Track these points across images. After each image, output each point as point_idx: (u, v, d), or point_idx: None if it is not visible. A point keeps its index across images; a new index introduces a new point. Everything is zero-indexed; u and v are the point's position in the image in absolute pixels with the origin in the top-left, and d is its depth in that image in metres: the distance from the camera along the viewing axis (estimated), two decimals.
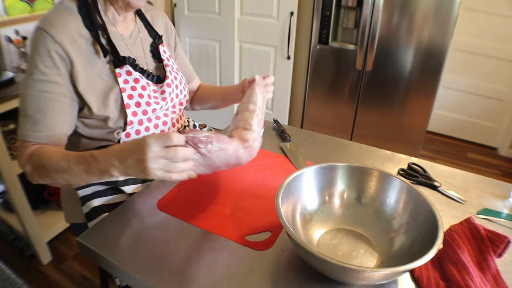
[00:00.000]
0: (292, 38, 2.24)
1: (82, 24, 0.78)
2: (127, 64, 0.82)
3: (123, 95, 0.80)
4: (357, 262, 0.67)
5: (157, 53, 0.94)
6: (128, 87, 0.82)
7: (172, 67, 0.95)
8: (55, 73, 0.74)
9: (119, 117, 0.81)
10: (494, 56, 2.56)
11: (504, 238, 0.63)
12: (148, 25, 0.95)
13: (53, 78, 0.74)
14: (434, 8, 1.82)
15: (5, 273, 0.61)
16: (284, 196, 0.67)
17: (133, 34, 0.90)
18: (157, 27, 0.98)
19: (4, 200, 1.86)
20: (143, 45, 0.92)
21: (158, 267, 0.65)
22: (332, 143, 1.10)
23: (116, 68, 0.80)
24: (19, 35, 1.80)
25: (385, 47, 2.00)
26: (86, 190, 0.86)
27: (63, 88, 0.76)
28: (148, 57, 0.92)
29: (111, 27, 0.84)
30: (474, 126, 2.84)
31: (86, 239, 0.72)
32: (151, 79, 0.88)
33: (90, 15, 0.79)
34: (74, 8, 0.78)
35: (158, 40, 0.95)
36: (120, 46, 0.84)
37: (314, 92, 2.32)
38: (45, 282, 1.62)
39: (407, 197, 0.70)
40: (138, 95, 0.82)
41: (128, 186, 0.89)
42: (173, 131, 0.76)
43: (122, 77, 0.81)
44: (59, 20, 0.75)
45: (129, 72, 0.82)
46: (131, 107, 0.81)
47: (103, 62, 0.80)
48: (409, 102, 2.07)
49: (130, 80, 0.82)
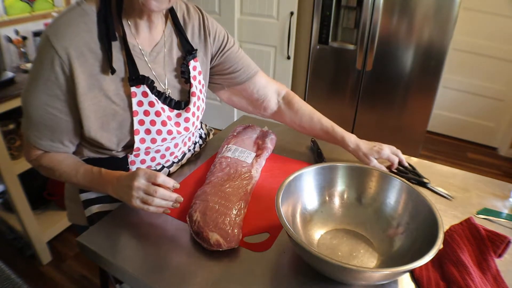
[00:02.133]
0: (292, 38, 2.24)
1: (96, 36, 0.69)
2: (145, 85, 0.74)
3: (134, 119, 0.74)
4: (357, 262, 0.67)
5: (187, 72, 0.82)
6: (141, 110, 0.74)
7: (199, 90, 0.85)
8: (57, 88, 0.69)
9: (118, 143, 0.76)
10: (494, 56, 2.56)
11: (504, 238, 0.63)
12: (181, 35, 0.83)
13: (54, 93, 0.69)
14: (434, 8, 1.82)
15: (5, 273, 0.61)
16: (284, 196, 0.67)
17: (155, 48, 0.79)
18: (190, 34, 0.85)
19: (4, 200, 1.86)
20: (166, 61, 0.81)
21: (158, 267, 0.65)
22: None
23: (132, 87, 0.72)
24: (19, 35, 1.80)
25: (385, 47, 2.00)
26: (88, 194, 0.84)
27: (65, 106, 0.71)
28: (169, 76, 0.81)
29: (131, 39, 0.74)
30: (474, 126, 2.84)
31: (86, 239, 0.72)
32: (168, 104, 0.79)
33: (108, 24, 0.69)
34: (92, 14, 0.69)
35: (189, 56, 0.83)
36: (139, 63, 0.75)
37: (314, 92, 2.32)
38: (45, 282, 1.62)
39: (407, 197, 0.70)
40: (150, 121, 0.75)
41: None
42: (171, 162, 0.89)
43: (136, 97, 0.73)
44: (69, 29, 0.67)
45: (145, 93, 0.74)
46: (140, 134, 0.75)
47: (113, 80, 0.72)
48: (409, 102, 2.07)
49: (145, 103, 0.74)
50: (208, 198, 0.74)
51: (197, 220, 0.69)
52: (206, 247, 0.68)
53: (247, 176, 0.84)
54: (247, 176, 0.83)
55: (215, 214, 0.70)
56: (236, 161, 0.88)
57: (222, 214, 0.70)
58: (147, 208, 0.69)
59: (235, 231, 0.68)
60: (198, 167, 0.96)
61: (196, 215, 0.70)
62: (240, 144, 0.96)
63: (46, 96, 0.69)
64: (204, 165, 0.97)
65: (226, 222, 0.69)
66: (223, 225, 0.68)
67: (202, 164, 0.98)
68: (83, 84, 0.68)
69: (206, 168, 0.95)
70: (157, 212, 0.70)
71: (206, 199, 0.73)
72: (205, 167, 0.96)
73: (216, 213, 0.70)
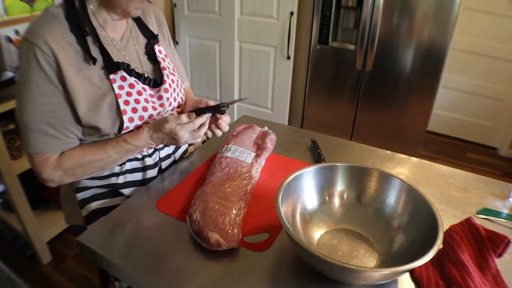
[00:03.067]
0: (292, 38, 2.24)
1: (69, 31, 0.75)
2: (121, 70, 0.80)
3: (119, 101, 0.79)
4: (357, 262, 0.67)
5: (153, 55, 0.91)
6: (124, 93, 0.80)
7: (168, 69, 0.93)
8: (49, 83, 0.73)
9: (113, 124, 0.80)
10: (494, 56, 2.56)
11: (504, 238, 0.63)
12: (141, 24, 0.92)
13: (48, 89, 0.73)
14: (434, 8, 1.81)
15: (5, 273, 0.61)
16: (284, 196, 0.67)
17: (124, 36, 0.87)
18: (150, 24, 0.95)
19: (4, 200, 1.86)
20: (136, 47, 0.89)
21: (158, 267, 0.65)
22: (332, 143, 1.10)
23: (110, 74, 0.79)
24: (19, 35, 1.80)
25: (385, 47, 2.00)
26: (85, 194, 0.85)
27: (60, 98, 0.74)
28: (143, 59, 0.89)
29: (101, 31, 0.81)
30: (474, 126, 2.84)
31: (86, 239, 0.72)
32: (148, 83, 0.86)
33: (78, 22, 0.76)
34: (60, 15, 0.75)
35: (153, 40, 0.92)
36: (112, 51, 0.82)
37: (314, 92, 2.32)
38: (45, 282, 1.62)
39: (407, 197, 0.70)
40: (134, 100, 0.81)
41: (127, 189, 0.89)
42: None
43: (116, 83, 0.79)
44: (45, 30, 0.72)
45: (124, 77, 0.81)
46: (127, 113, 0.80)
47: (95, 69, 0.78)
48: (409, 102, 2.07)
49: (125, 86, 0.80)
50: (208, 198, 0.74)
51: (197, 220, 0.69)
52: (206, 247, 0.68)
53: (247, 176, 0.84)
54: (247, 176, 0.83)
55: (215, 214, 0.70)
56: (236, 161, 0.88)
57: (222, 214, 0.70)
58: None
59: (235, 231, 0.68)
60: (198, 167, 0.96)
61: (196, 215, 0.70)
62: (240, 144, 0.96)
63: (40, 96, 0.72)
64: (204, 165, 0.97)
65: (226, 222, 0.69)
66: (223, 224, 0.68)
67: (202, 164, 0.98)
68: (70, 74, 0.74)
69: (206, 168, 0.95)
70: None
71: (206, 199, 0.73)
72: (205, 167, 0.96)
73: (216, 213, 0.70)
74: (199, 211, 0.71)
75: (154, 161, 0.93)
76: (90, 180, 0.87)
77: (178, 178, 0.92)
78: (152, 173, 0.93)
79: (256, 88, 2.53)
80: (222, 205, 0.72)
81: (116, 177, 0.87)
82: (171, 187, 0.88)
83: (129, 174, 0.89)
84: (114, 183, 0.87)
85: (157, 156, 0.94)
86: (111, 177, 0.87)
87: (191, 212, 0.73)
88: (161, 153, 0.95)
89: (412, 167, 0.99)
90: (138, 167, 0.91)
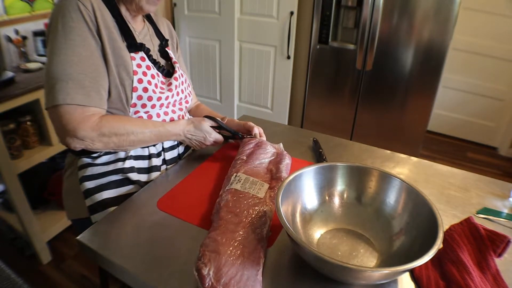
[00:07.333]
0: (292, 37, 2.24)
1: (102, 1, 0.82)
2: (142, 51, 0.87)
3: (134, 78, 0.84)
4: (357, 262, 0.67)
5: (165, 53, 0.99)
6: (140, 71, 0.85)
7: (179, 67, 1.00)
8: (92, 37, 0.78)
9: (119, 96, 0.84)
10: (494, 56, 2.57)
11: (504, 238, 0.63)
12: (156, 29, 1.00)
13: (92, 43, 0.78)
14: (434, 8, 1.82)
15: (5, 272, 0.61)
16: (284, 196, 0.67)
17: (143, 31, 0.94)
18: (162, 30, 1.03)
19: (4, 200, 1.86)
20: (153, 42, 0.96)
21: (158, 267, 0.65)
22: (332, 143, 1.10)
23: (131, 53, 0.85)
24: (19, 34, 1.80)
25: (385, 47, 2.00)
26: (90, 183, 0.85)
27: (100, 53, 0.80)
28: (157, 54, 0.97)
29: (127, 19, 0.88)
30: (474, 126, 2.84)
31: (86, 238, 0.72)
32: (161, 71, 0.93)
33: (112, 3, 0.84)
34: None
35: (165, 42, 1.00)
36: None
37: (314, 91, 2.32)
38: (45, 282, 1.62)
39: (407, 196, 0.70)
40: (147, 81, 0.86)
41: (134, 174, 0.89)
42: None
43: (135, 61, 0.85)
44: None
45: (143, 58, 0.87)
46: (138, 91, 0.85)
47: (122, 43, 0.84)
48: (409, 102, 2.07)
49: (142, 66, 0.86)
50: (219, 248, 0.63)
51: (209, 277, 0.59)
52: None
53: (262, 217, 0.72)
54: (261, 217, 0.72)
55: (231, 270, 0.60)
56: (246, 195, 0.77)
57: (239, 270, 0.61)
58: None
59: None
60: (199, 166, 0.96)
61: (207, 269, 0.60)
62: (251, 172, 0.85)
63: (84, 48, 0.77)
64: (204, 164, 0.97)
65: (244, 279, 0.60)
66: (242, 283, 0.59)
67: (203, 163, 0.98)
68: (104, 36, 0.80)
69: (206, 168, 0.95)
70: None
71: (217, 250, 0.63)
72: (205, 166, 0.96)
73: (233, 268, 0.61)
74: (214, 266, 0.60)
75: (158, 150, 0.94)
76: (97, 167, 0.87)
77: (180, 176, 0.92)
78: (157, 162, 0.94)
79: (256, 88, 2.53)
80: (237, 257, 0.63)
81: (123, 162, 0.88)
82: (172, 185, 0.88)
83: (134, 160, 0.90)
84: (121, 168, 0.87)
85: (160, 146, 0.95)
86: (117, 162, 0.88)
87: (200, 265, 0.61)
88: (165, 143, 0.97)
89: (412, 166, 0.99)
90: (144, 154, 0.92)
